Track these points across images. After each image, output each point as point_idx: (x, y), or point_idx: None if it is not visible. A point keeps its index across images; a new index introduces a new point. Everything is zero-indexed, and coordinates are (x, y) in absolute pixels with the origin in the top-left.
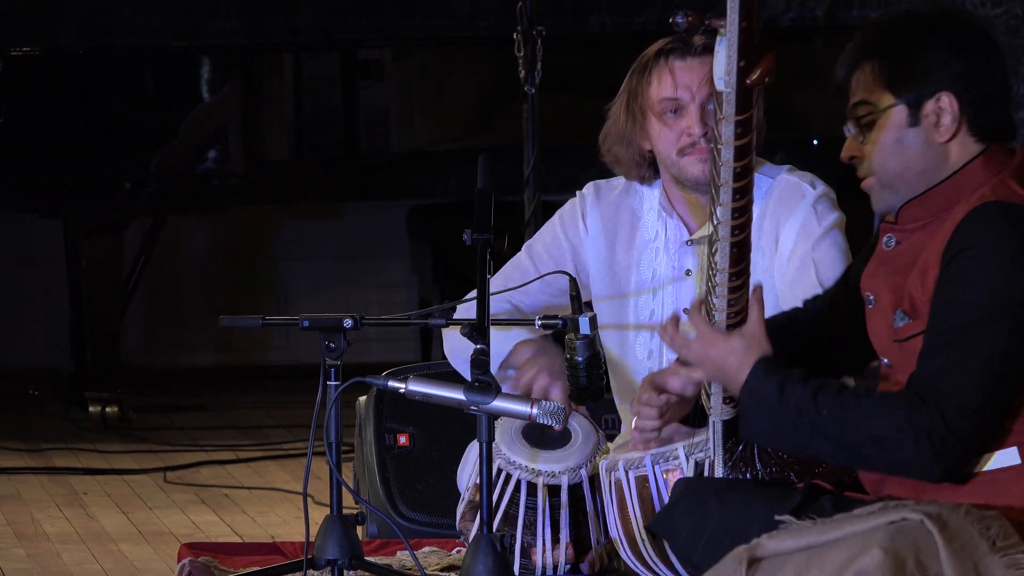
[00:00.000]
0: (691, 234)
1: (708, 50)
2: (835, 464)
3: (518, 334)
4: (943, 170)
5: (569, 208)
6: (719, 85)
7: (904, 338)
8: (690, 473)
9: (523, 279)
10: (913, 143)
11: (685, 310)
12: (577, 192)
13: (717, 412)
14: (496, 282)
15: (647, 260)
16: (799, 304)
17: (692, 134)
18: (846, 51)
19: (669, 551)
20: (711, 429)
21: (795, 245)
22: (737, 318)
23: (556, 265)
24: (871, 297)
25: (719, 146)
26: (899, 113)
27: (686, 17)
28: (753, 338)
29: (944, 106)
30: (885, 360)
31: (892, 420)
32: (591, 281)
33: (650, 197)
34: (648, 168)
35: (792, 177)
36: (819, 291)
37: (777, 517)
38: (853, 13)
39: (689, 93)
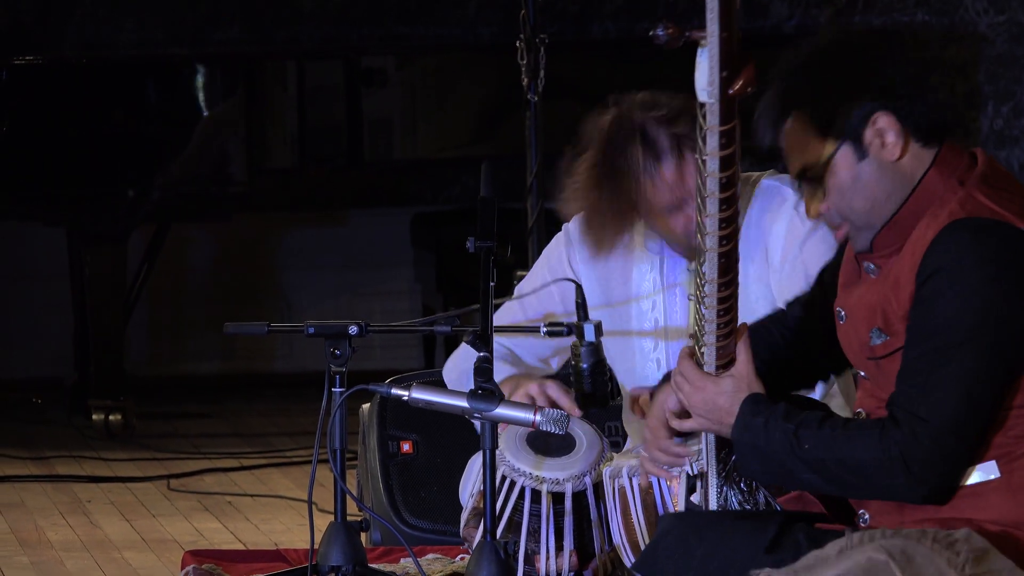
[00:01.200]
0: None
1: (683, 145)
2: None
3: (505, 371)
4: (907, 184)
5: (555, 249)
6: (701, 96)
7: (880, 356)
8: (681, 486)
9: (515, 317)
10: (870, 175)
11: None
12: (564, 226)
13: None
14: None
15: (646, 290)
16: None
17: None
18: (762, 113)
19: None
20: (704, 441)
21: (784, 251)
22: (727, 328)
23: (543, 307)
24: (842, 313)
25: (704, 156)
26: (844, 153)
27: (666, 29)
28: (742, 378)
29: (883, 126)
30: (862, 373)
31: (869, 449)
32: (588, 301)
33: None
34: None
35: (772, 181)
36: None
37: (751, 574)
38: (856, 19)
39: (685, 187)
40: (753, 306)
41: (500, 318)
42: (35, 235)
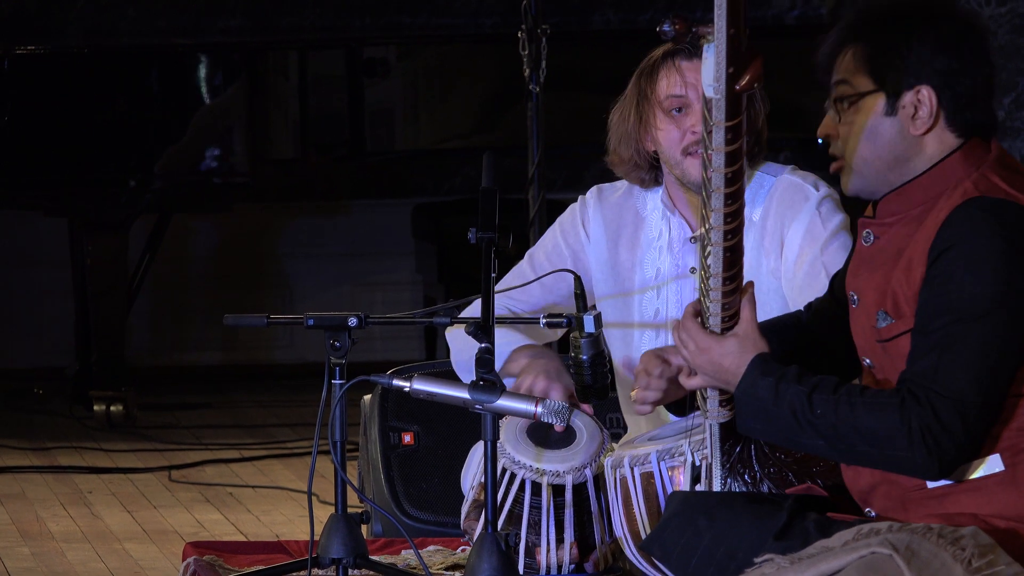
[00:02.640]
0: (694, 232)
1: (691, 39)
2: (832, 461)
3: (515, 339)
4: (916, 162)
5: (569, 215)
6: (708, 92)
7: (887, 338)
8: (687, 474)
9: (524, 291)
10: (887, 132)
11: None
12: (580, 197)
13: (714, 415)
14: (498, 290)
15: (651, 259)
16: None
17: (697, 131)
18: (834, 31)
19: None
20: (708, 432)
21: (801, 249)
22: (731, 322)
23: (573, 261)
24: (855, 296)
25: (710, 152)
26: (877, 100)
27: (673, 25)
28: (747, 337)
29: (923, 99)
30: (867, 361)
31: (886, 418)
32: (594, 284)
33: (653, 198)
34: (650, 171)
35: (794, 178)
36: None
37: (755, 560)
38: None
39: (696, 91)
40: (764, 298)
41: (509, 280)
42: (37, 224)
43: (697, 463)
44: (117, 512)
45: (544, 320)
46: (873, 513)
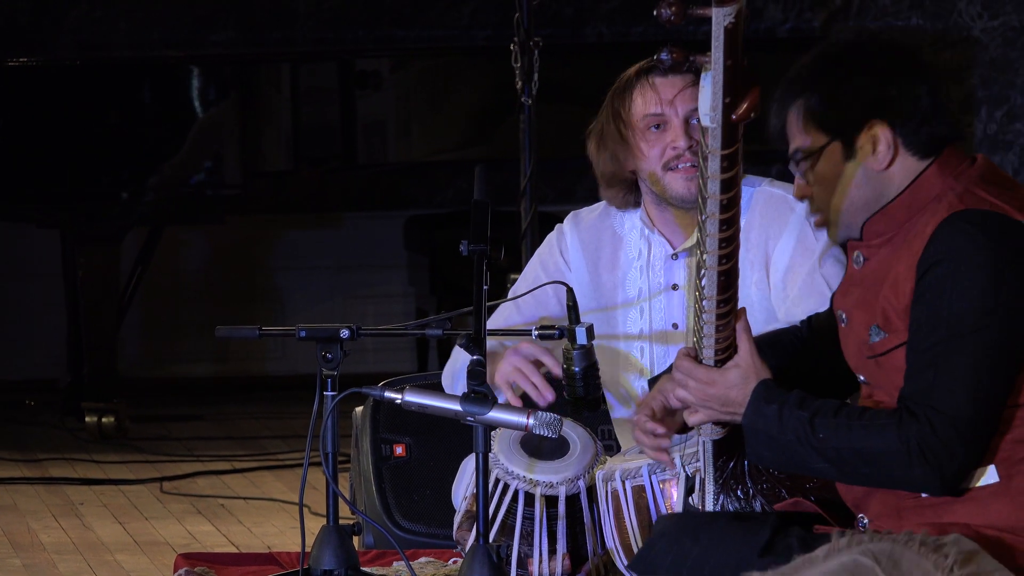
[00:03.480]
0: (675, 249)
1: (688, 68)
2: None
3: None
4: (889, 195)
5: (546, 245)
6: (704, 121)
7: (879, 353)
8: (680, 487)
9: (510, 319)
10: (854, 177)
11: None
12: (556, 226)
13: (707, 432)
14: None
15: (632, 279)
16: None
17: (677, 147)
18: (775, 97)
19: None
20: (700, 448)
21: (792, 261)
22: (726, 342)
23: (540, 306)
24: (843, 316)
25: (706, 178)
26: (834, 150)
27: (671, 54)
28: (749, 367)
29: (877, 134)
30: (861, 378)
31: (885, 438)
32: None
33: (631, 218)
34: (630, 192)
35: (775, 189)
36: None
37: None
38: (850, 23)
39: (672, 108)
40: (748, 311)
41: (495, 321)
42: (29, 236)
43: (689, 475)
44: (109, 523)
45: (536, 332)
46: (866, 520)
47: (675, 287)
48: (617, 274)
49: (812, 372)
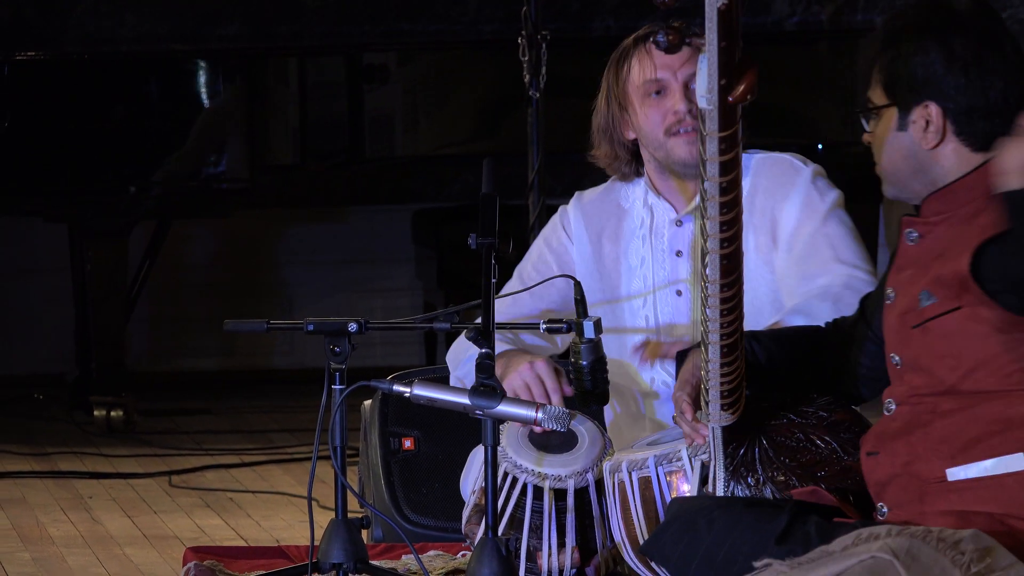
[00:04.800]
0: (678, 214)
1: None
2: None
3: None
4: (937, 173)
5: (550, 224)
6: (701, 103)
7: (928, 318)
8: (694, 475)
9: (516, 305)
10: (901, 145)
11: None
12: (560, 207)
13: (716, 419)
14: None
15: (635, 248)
16: (806, 276)
17: (678, 111)
18: (875, 36)
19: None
20: (711, 435)
21: (799, 222)
22: (731, 327)
23: (540, 299)
24: (891, 293)
25: (705, 159)
26: (890, 115)
27: (667, 36)
28: None
29: (931, 115)
30: (895, 358)
31: None
32: (581, 281)
33: (634, 189)
34: (630, 163)
35: (775, 154)
36: (836, 266)
37: (755, 564)
38: (858, 17)
39: (670, 72)
40: (751, 275)
41: (504, 304)
42: (36, 231)
43: (693, 464)
44: (117, 517)
45: (544, 325)
46: (885, 510)
47: (679, 253)
48: (620, 244)
49: (822, 370)
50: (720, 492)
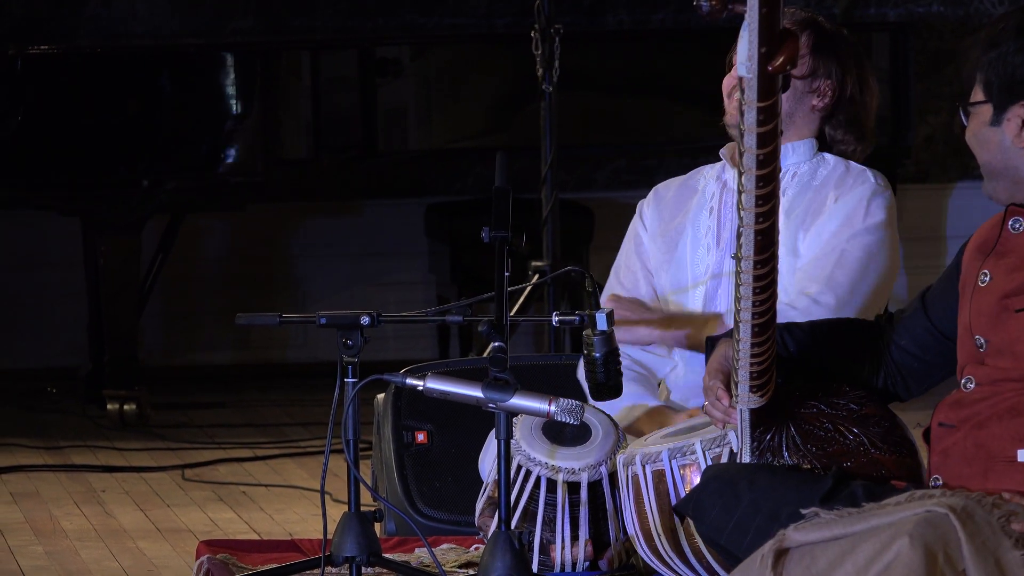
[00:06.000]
0: None
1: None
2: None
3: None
4: None
5: (635, 216)
6: (741, 71)
7: None
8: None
9: (632, 281)
10: (992, 141)
11: (733, 255)
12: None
13: (744, 401)
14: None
15: (703, 219)
16: (802, 278)
17: (734, 75)
18: (986, 34)
19: (695, 533)
20: (739, 417)
21: (838, 225)
22: (763, 307)
23: (638, 257)
24: (986, 275)
25: (742, 129)
26: (985, 111)
27: (710, 1)
28: None
29: (1023, 116)
30: (980, 340)
31: None
32: (652, 262)
33: (712, 168)
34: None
35: (863, 167)
36: (822, 285)
37: (802, 511)
38: (870, 11)
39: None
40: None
41: (612, 284)
42: (50, 224)
43: (706, 458)
44: (131, 511)
45: (556, 317)
46: (940, 482)
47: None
48: (688, 216)
49: (863, 360)
50: None
